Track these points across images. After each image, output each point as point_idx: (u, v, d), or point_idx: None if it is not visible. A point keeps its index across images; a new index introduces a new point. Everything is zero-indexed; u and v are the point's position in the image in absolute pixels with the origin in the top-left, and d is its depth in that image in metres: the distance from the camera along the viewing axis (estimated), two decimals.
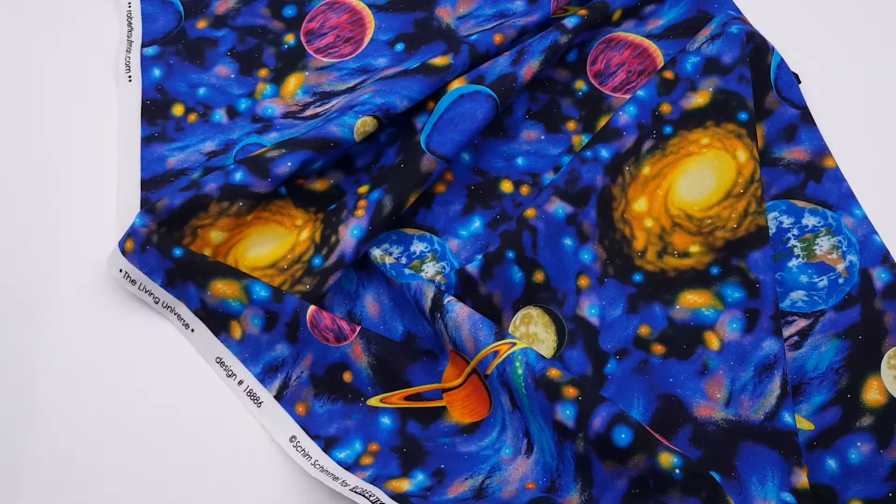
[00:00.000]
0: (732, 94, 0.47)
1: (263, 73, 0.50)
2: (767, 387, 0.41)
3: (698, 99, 0.47)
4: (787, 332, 0.44)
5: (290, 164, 0.44)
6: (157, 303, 0.43)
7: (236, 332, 0.42)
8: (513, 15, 0.51)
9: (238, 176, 0.43)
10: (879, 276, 0.44)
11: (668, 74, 0.48)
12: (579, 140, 0.49)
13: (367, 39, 0.51)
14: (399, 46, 0.51)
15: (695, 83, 0.48)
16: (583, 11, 0.50)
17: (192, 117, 0.49)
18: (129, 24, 0.51)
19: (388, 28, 0.51)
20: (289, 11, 0.52)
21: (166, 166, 0.47)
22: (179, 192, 0.43)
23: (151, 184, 0.47)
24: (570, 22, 0.49)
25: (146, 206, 0.44)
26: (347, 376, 0.42)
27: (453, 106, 0.46)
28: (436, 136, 0.46)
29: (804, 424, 0.42)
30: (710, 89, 0.47)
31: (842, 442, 0.41)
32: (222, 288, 0.42)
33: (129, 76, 0.50)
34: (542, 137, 0.49)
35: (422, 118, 0.47)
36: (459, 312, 0.41)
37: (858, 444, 0.41)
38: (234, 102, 0.50)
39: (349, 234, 0.43)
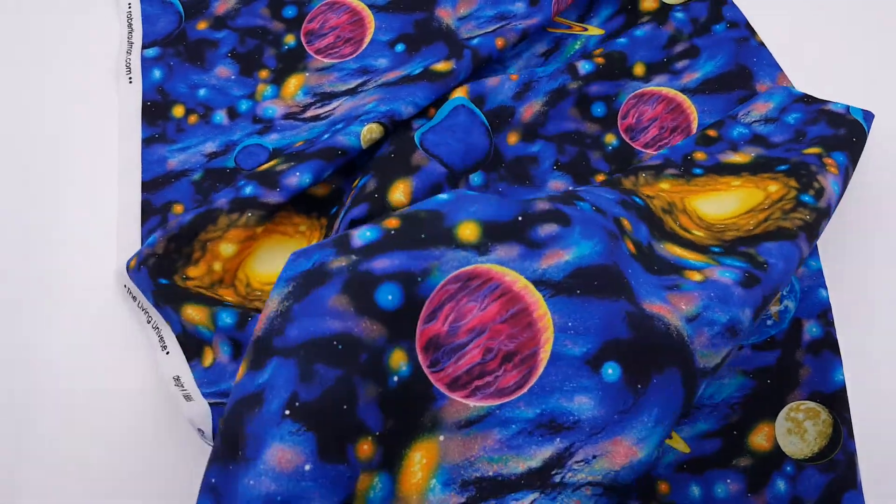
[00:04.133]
0: (775, 159, 0.45)
1: (264, 74, 0.50)
2: (721, 348, 0.36)
3: (737, 158, 0.46)
4: None
5: (298, 174, 0.43)
6: (148, 322, 0.43)
7: (207, 358, 0.41)
8: (514, 17, 0.51)
9: (248, 190, 0.43)
10: (810, 330, 0.43)
11: (712, 132, 0.47)
12: None
13: (367, 40, 0.51)
14: (399, 47, 0.51)
15: (737, 146, 0.47)
16: (599, 59, 0.50)
17: (193, 118, 0.49)
18: (130, 25, 0.51)
19: (389, 28, 0.51)
20: (289, 12, 0.52)
21: (167, 167, 0.47)
22: (190, 210, 0.43)
23: (152, 185, 0.47)
24: (583, 68, 0.49)
25: (165, 225, 0.43)
26: None
27: (454, 113, 0.46)
28: (430, 135, 0.45)
29: (680, 446, 0.41)
30: (753, 154, 0.46)
31: (712, 474, 0.40)
32: (192, 314, 0.41)
33: (130, 78, 0.50)
34: (570, 188, 0.47)
35: (420, 121, 0.47)
36: None
37: (728, 480, 0.40)
38: (235, 103, 0.50)
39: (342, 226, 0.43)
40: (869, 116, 0.46)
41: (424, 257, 0.34)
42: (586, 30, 0.52)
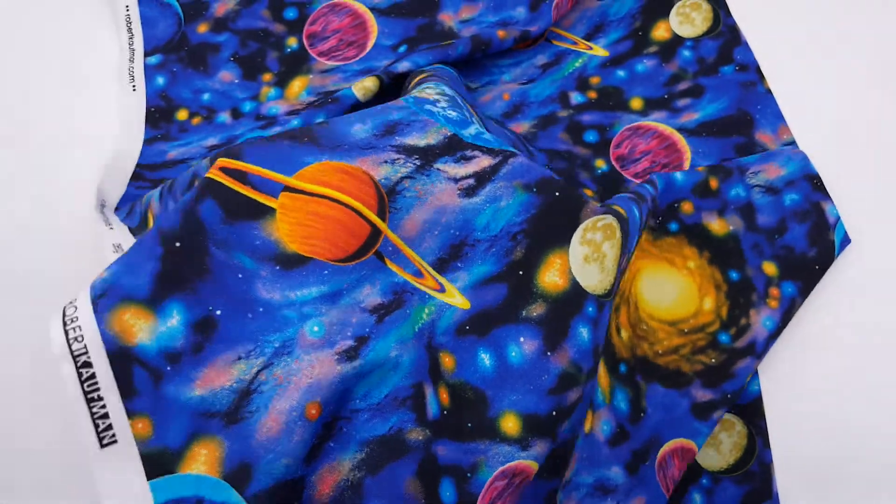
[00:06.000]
0: (739, 250, 0.45)
1: (267, 77, 0.50)
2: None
3: (716, 225, 0.45)
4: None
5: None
6: (106, 224, 0.41)
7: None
8: (515, 24, 0.51)
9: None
10: None
11: (714, 182, 0.46)
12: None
13: (370, 44, 0.51)
14: (402, 49, 0.51)
15: (725, 209, 0.45)
16: (592, 94, 0.50)
17: (196, 120, 0.49)
18: (129, 29, 0.51)
19: (391, 33, 0.51)
20: (290, 13, 0.52)
21: (166, 157, 0.47)
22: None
23: (149, 168, 0.46)
24: (575, 99, 0.49)
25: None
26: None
27: None
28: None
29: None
30: (731, 227, 0.45)
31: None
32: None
33: (134, 86, 0.49)
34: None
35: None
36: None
37: (522, 338, 0.37)
38: (239, 105, 0.49)
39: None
40: (846, 242, 0.45)
41: (472, 451, 0.34)
42: (591, 48, 0.52)
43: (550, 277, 0.36)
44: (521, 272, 0.36)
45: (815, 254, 0.44)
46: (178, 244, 0.33)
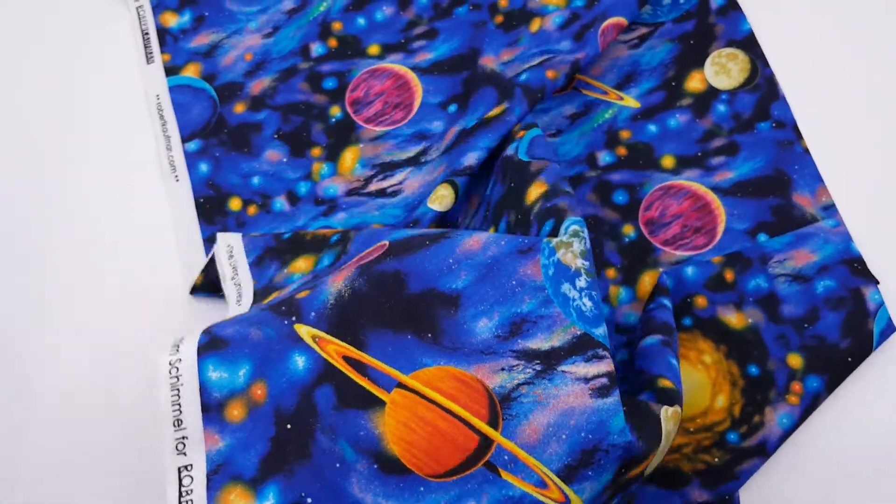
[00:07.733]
0: (760, 342, 0.43)
1: (316, 151, 0.48)
2: None
3: (733, 319, 0.43)
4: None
5: None
6: (232, 279, 0.42)
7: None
8: (560, 54, 0.48)
9: None
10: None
11: (729, 275, 0.44)
12: (616, 291, 0.45)
13: (416, 103, 0.49)
14: (452, 107, 0.49)
15: (743, 302, 0.43)
16: (621, 151, 0.48)
17: (252, 209, 0.47)
18: (162, 117, 0.48)
19: (437, 91, 0.49)
20: (329, 83, 0.50)
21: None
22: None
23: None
24: (603, 159, 0.48)
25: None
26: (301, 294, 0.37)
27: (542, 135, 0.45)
28: (537, 149, 0.44)
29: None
30: (750, 321, 0.43)
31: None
32: (300, 264, 0.41)
33: (176, 176, 0.47)
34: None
35: (511, 146, 0.45)
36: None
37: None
38: (293, 187, 0.47)
39: None
40: (889, 330, 0.43)
41: None
42: (622, 99, 0.49)
43: (625, 477, 0.35)
44: (624, 471, 0.34)
45: (849, 345, 0.42)
46: (289, 426, 0.34)
